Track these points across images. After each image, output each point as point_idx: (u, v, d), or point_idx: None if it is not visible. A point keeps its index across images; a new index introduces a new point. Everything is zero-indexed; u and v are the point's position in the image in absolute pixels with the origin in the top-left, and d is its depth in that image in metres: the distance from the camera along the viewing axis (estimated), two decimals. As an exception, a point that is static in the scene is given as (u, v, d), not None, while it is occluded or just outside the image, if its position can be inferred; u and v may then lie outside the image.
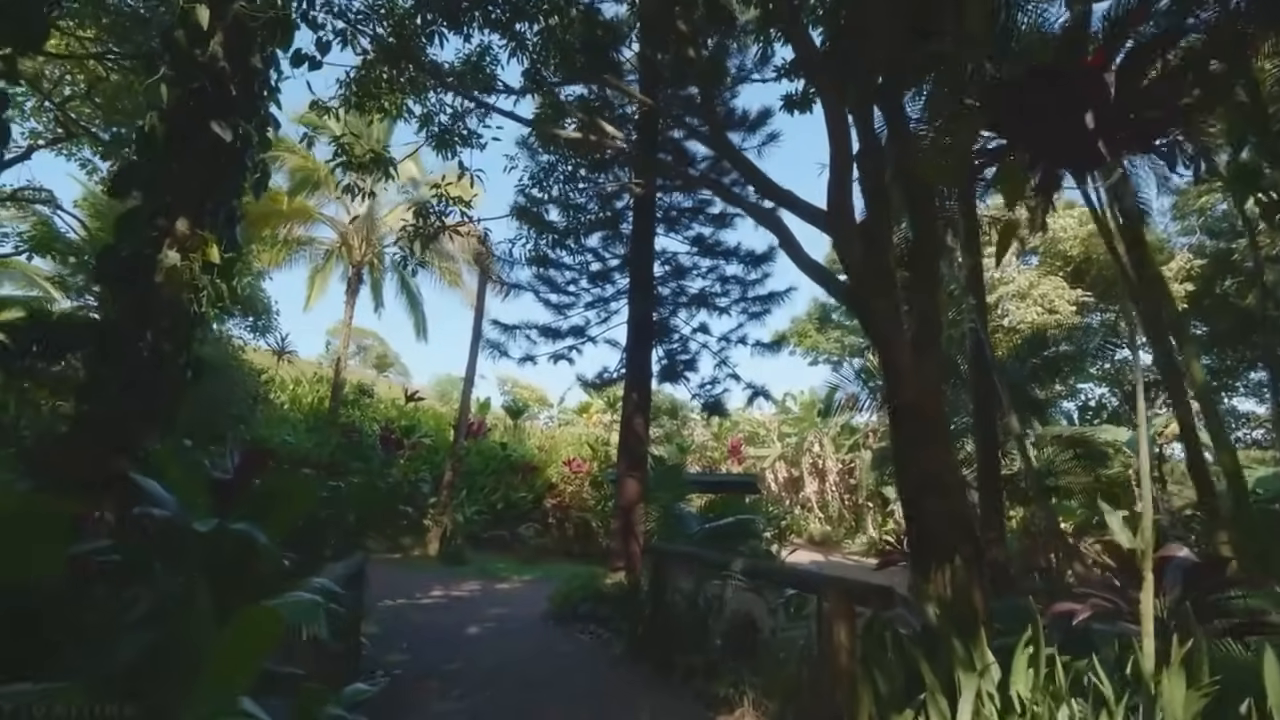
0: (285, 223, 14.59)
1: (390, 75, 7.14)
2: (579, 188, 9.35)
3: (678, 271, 10.67)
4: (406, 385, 18.60)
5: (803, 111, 8.59)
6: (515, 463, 16.14)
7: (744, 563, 4.30)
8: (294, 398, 17.41)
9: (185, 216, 5.46)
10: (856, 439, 23.18)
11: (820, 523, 22.16)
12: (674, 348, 10.53)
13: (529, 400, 24.42)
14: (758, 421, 24.87)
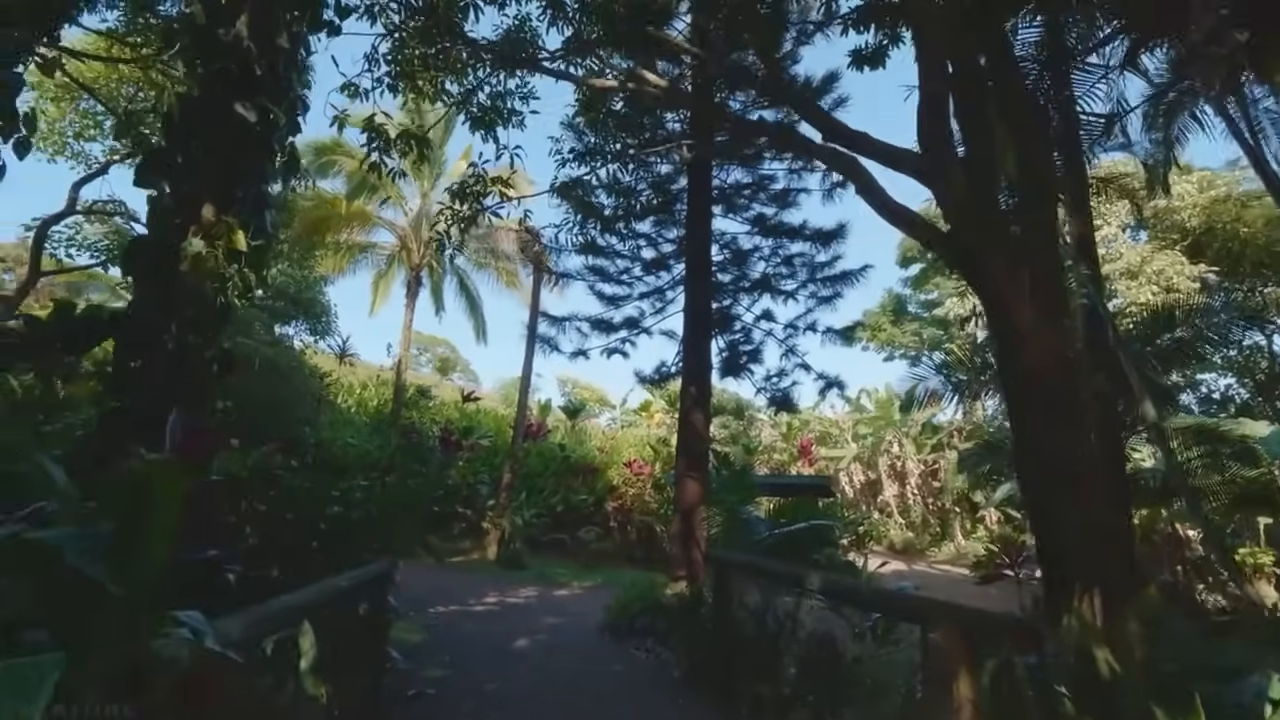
0: (344, 227, 14.78)
1: (424, 54, 6.76)
2: (628, 167, 8.73)
3: (738, 256, 9.88)
4: (463, 387, 18.56)
5: (874, 67, 7.63)
6: (575, 464, 15.71)
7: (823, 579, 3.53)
8: (360, 401, 17.69)
9: (211, 203, 5.20)
10: (940, 438, 21.47)
11: (901, 529, 20.62)
12: (735, 338, 9.74)
13: (589, 401, 24.08)
14: (830, 421, 23.53)
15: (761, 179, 9.42)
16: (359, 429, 15.07)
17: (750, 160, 9.62)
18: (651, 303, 9.89)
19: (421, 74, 6.59)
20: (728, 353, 9.70)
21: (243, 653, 1.97)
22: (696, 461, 8.13)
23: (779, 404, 9.64)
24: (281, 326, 13.31)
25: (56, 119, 11.71)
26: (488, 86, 7.51)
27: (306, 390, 13.48)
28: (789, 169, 9.34)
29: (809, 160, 9.38)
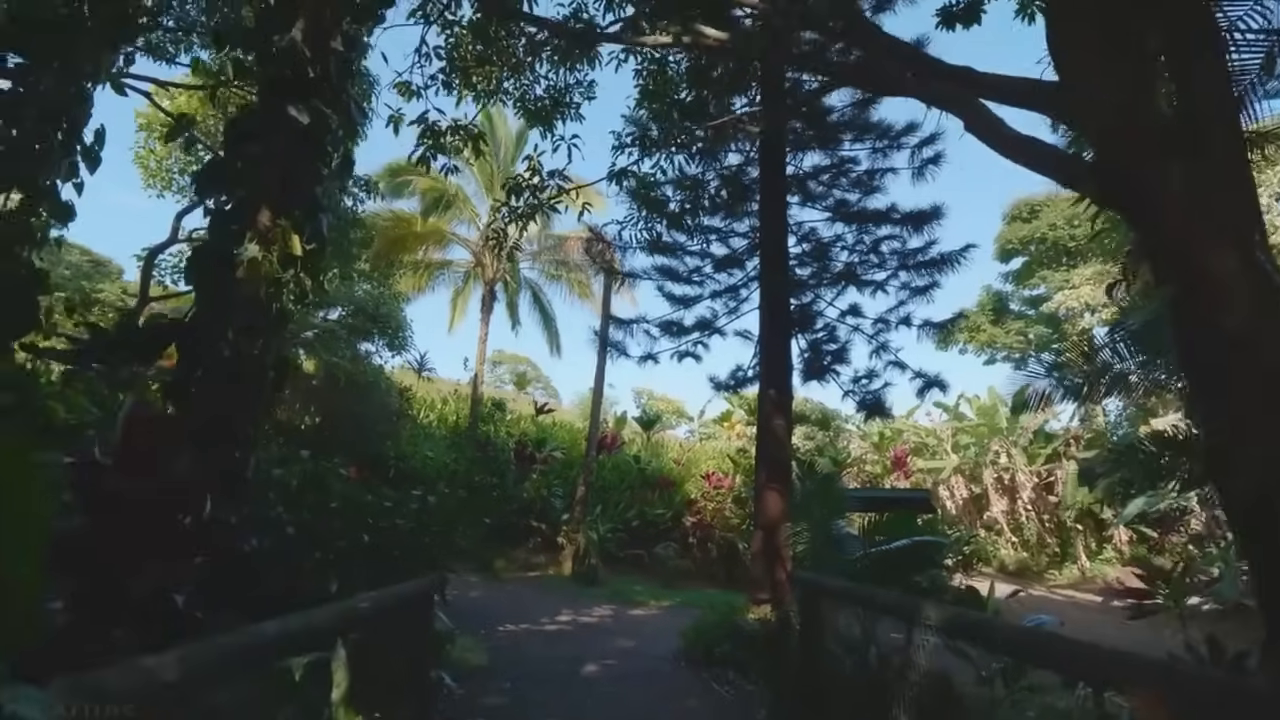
0: (421, 245, 15.14)
1: (480, 50, 6.57)
2: (695, 158, 8.20)
3: (818, 247, 9.08)
4: (537, 400, 18.53)
5: (967, 25, 6.74)
6: (650, 477, 15.17)
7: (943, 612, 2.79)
8: (440, 416, 18.01)
9: (267, 208, 5.12)
10: (1055, 447, 19.32)
11: (1014, 549, 18.62)
12: (818, 337, 8.92)
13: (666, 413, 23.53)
14: (926, 430, 21.77)
15: (841, 161, 8.62)
16: (438, 443, 15.26)
17: (828, 142, 8.86)
18: (724, 302, 9.26)
19: (476, 70, 6.39)
20: (810, 354, 8.89)
21: (184, 700, 1.56)
22: (778, 472, 7.38)
23: (870, 409, 8.70)
24: (362, 343, 13.68)
25: (164, 157, 12.64)
26: (544, 81, 7.26)
27: (387, 406, 13.76)
28: (872, 148, 8.49)
29: (895, 139, 8.52)
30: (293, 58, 5.38)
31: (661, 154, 8.18)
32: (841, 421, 24.47)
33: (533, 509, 12.69)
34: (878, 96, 8.40)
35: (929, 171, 8.15)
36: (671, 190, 8.55)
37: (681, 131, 8.32)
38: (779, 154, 8.28)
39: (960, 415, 21.77)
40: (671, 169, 7.92)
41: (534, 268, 17.46)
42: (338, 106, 5.69)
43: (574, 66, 7.53)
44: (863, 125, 8.67)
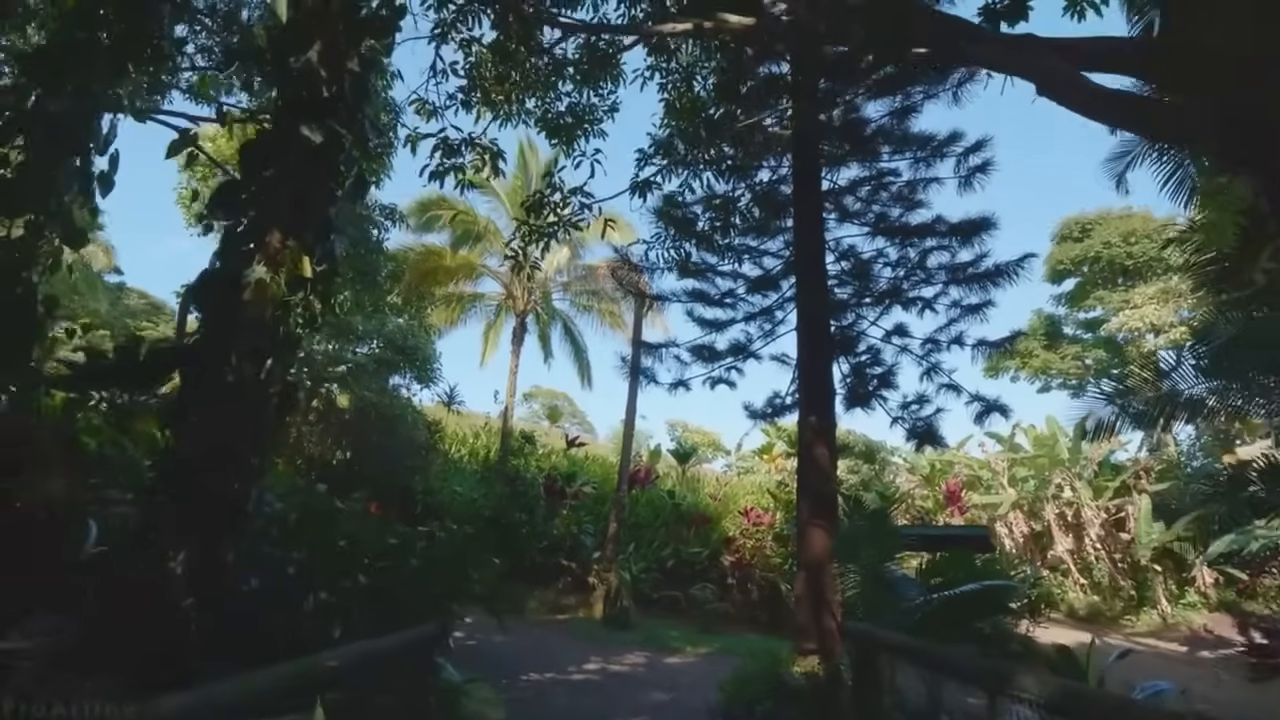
0: (451, 278, 15.13)
1: (501, 69, 6.41)
2: (725, 175, 7.86)
3: (858, 266, 8.56)
4: (567, 432, 18.14)
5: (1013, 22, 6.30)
6: (686, 514, 14.50)
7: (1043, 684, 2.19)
8: (472, 450, 17.76)
9: (277, 229, 4.94)
10: (1124, 480, 17.92)
11: (1083, 591, 17.15)
12: (861, 360, 8.33)
13: (702, 445, 22.80)
14: (979, 462, 20.53)
15: (880, 174, 8.15)
16: (468, 478, 14.95)
17: (865, 154, 8.43)
18: (759, 325, 8.78)
19: (496, 88, 6.21)
20: (853, 378, 8.30)
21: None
22: (823, 506, 6.75)
23: (921, 437, 8.01)
24: (392, 377, 13.59)
25: (206, 198, 12.96)
26: (566, 99, 7.07)
27: (416, 440, 13.56)
28: (914, 159, 8.02)
29: (938, 149, 8.03)
30: (308, 78, 5.28)
31: (689, 171, 7.89)
32: (887, 454, 23.33)
33: (562, 547, 12.17)
34: (917, 106, 7.98)
35: (977, 180, 7.62)
36: (700, 209, 8.20)
37: (710, 147, 8.02)
38: (813, 167, 7.88)
39: (1016, 446, 20.48)
40: (700, 186, 7.58)
41: (564, 298, 17.30)
42: (353, 126, 5.55)
43: (598, 85, 7.35)
44: (902, 136, 8.22)
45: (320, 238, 5.25)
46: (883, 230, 8.21)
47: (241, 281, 4.73)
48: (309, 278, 5.07)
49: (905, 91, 7.95)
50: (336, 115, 5.39)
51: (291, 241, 4.98)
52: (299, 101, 5.20)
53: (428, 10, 5.81)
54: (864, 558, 6.31)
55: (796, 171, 8.09)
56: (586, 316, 17.85)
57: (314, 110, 5.22)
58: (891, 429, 8.30)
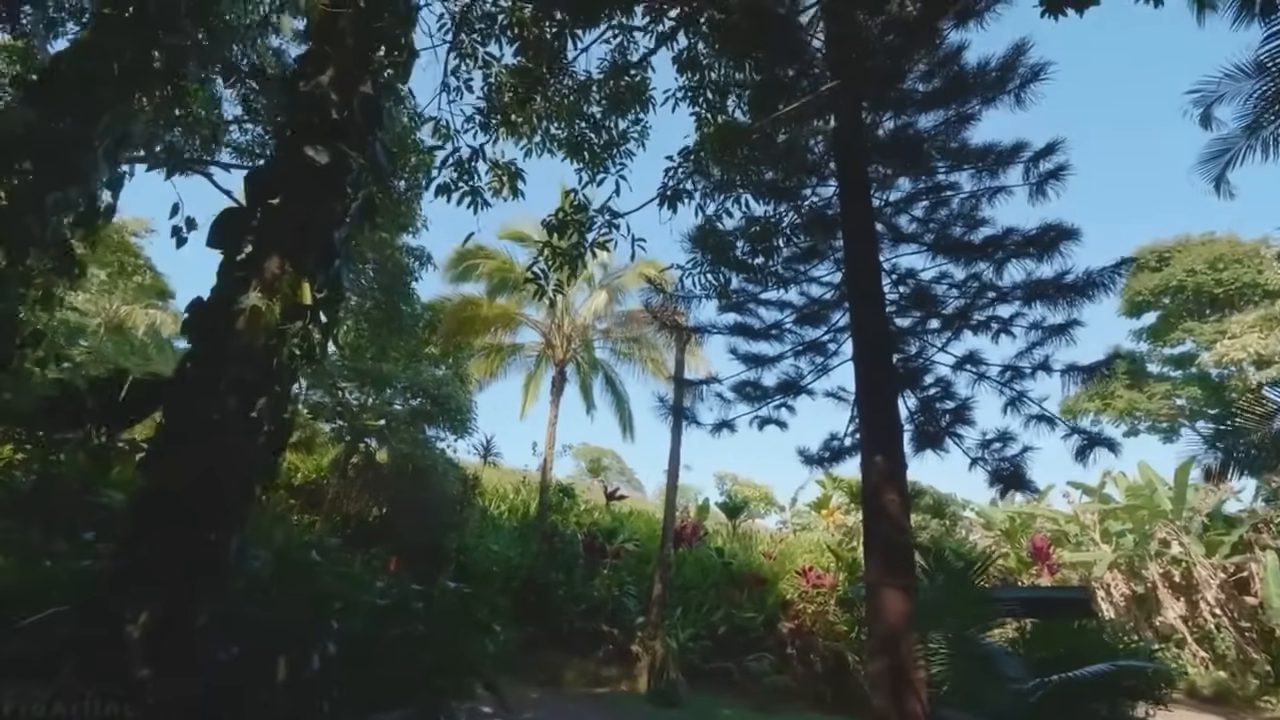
0: (489, 327, 14.90)
1: (524, 95, 6.10)
2: (763, 192, 7.28)
3: (920, 291, 7.73)
4: (606, 483, 17.27)
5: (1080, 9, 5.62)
6: (738, 574, 13.32)
7: None
8: (512, 506, 17.12)
9: (276, 254, 4.58)
10: (1241, 534, 15.72)
11: (1205, 667, 14.81)
12: (930, 394, 7.40)
13: (753, 499, 21.44)
14: (1065, 515, 18.53)
15: (938, 188, 7.41)
16: (506, 534, 14.25)
17: (918, 169, 7.73)
18: (809, 359, 7.99)
19: (516, 110, 5.88)
20: (921, 416, 7.36)
21: None
22: (896, 563, 5.74)
23: (1006, 481, 6.91)
24: (429, 429, 13.21)
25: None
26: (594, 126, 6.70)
27: (451, 494, 13.02)
28: (976, 170, 7.27)
29: (1001, 161, 7.27)
30: (317, 101, 5.05)
31: (725, 195, 7.36)
32: (958, 507, 21.43)
33: (603, 610, 11.19)
34: (975, 114, 7.31)
35: (1051, 187, 6.79)
36: (739, 235, 7.60)
37: (748, 170, 7.49)
38: (862, 186, 7.22)
39: (1105, 497, 18.44)
40: (739, 208, 7.01)
41: (604, 346, 16.82)
42: (364, 149, 5.26)
43: (626, 112, 7.00)
44: (959, 150, 7.52)
45: (323, 263, 4.86)
46: (945, 249, 7.40)
47: (234, 309, 4.34)
48: (309, 305, 4.65)
49: (960, 102, 7.32)
50: (346, 137, 5.12)
51: (290, 267, 4.62)
52: (306, 124, 4.95)
53: (445, 33, 5.60)
54: (951, 626, 5.23)
55: (844, 191, 7.45)
56: (628, 365, 17.29)
57: (322, 133, 4.96)
58: (970, 471, 7.06)
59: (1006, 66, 6.95)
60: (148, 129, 5.69)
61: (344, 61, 5.28)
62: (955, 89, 7.27)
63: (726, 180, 7.39)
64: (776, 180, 7.77)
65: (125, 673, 3.37)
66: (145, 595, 3.59)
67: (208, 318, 4.38)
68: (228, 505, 3.98)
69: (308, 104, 5.07)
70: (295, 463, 15.54)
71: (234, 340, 4.27)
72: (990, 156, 7.33)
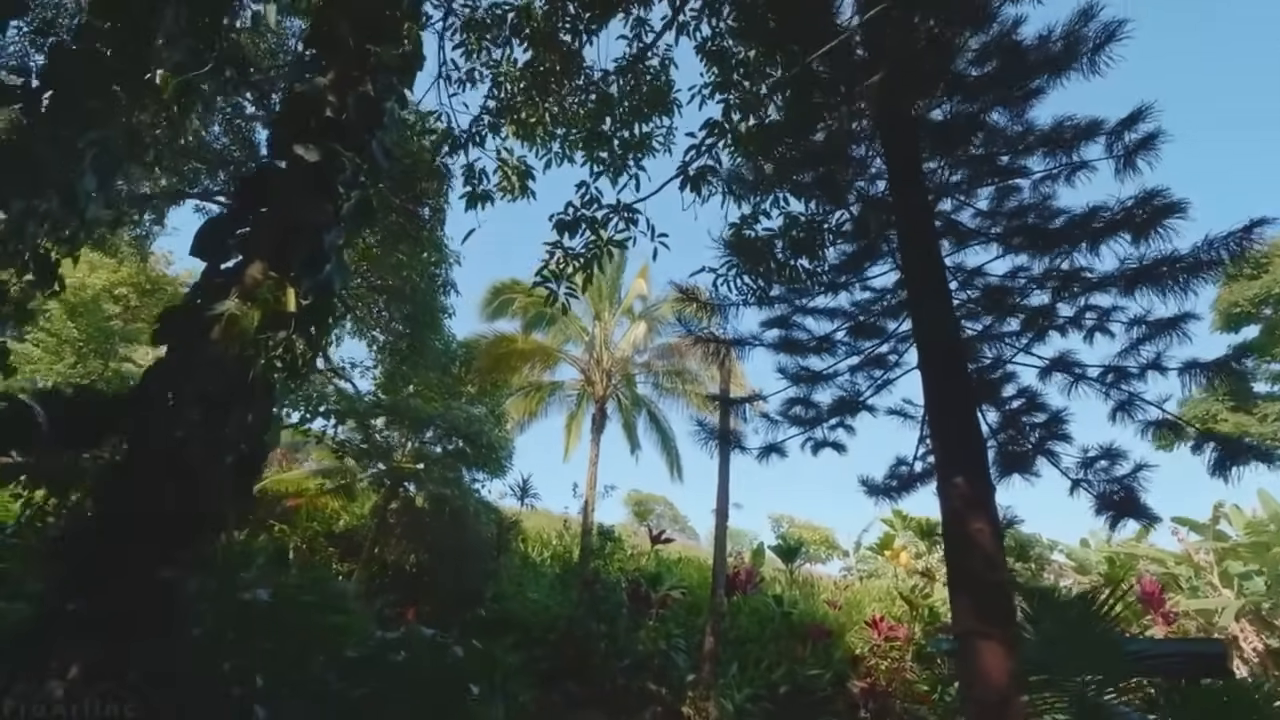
0: (525, 361, 14.50)
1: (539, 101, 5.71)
2: (802, 189, 6.59)
3: (991, 294, 6.81)
4: (652, 527, 16.26)
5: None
6: (799, 625, 12.03)
7: None
8: (555, 553, 16.32)
9: (259, 259, 4.17)
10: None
11: (1376, 738, 12.31)
12: (1014, 409, 6.38)
13: (812, 542, 19.89)
14: (1175, 555, 16.35)
15: (1003, 171, 6.56)
16: (545, 582, 13.43)
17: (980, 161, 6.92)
18: (866, 374, 7.10)
19: (527, 108, 5.47)
20: (1005, 432, 6.34)
21: None
22: (991, 607, 4.69)
23: (1118, 507, 5.76)
24: (464, 471, 12.71)
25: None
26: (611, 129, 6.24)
27: (486, 540, 12.37)
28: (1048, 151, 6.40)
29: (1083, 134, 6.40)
30: (310, 101, 4.74)
31: (761, 197, 6.72)
32: (1044, 548, 19.31)
33: (649, 666, 10.15)
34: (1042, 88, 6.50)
35: (1143, 158, 5.86)
36: (780, 240, 6.90)
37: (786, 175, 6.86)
38: (914, 174, 6.46)
39: (1219, 534, 16.19)
40: (776, 208, 6.34)
41: (646, 381, 16.15)
42: (362, 150, 4.90)
43: (649, 119, 6.53)
44: (1023, 134, 6.69)
45: (311, 268, 4.42)
46: (1019, 239, 6.49)
47: (209, 317, 3.90)
48: (294, 313, 4.19)
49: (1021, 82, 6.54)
50: (341, 137, 4.77)
51: (274, 272, 4.19)
52: (297, 123, 4.63)
53: (451, 34, 5.29)
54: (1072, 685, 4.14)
55: (895, 184, 6.71)
56: (671, 400, 16.54)
57: (313, 131, 4.62)
58: (1072, 495, 5.89)
59: (1072, 34, 6.15)
60: (142, 143, 5.54)
61: (343, 62, 5.02)
62: (1014, 67, 6.51)
63: (761, 180, 6.77)
64: (818, 178, 7.10)
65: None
66: (75, 645, 3.05)
67: (180, 326, 3.97)
68: (184, 538, 3.44)
69: (301, 103, 4.79)
70: (337, 509, 15.29)
71: (206, 350, 3.82)
72: (1062, 137, 6.47)
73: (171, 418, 3.57)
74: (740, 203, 6.63)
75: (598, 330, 15.19)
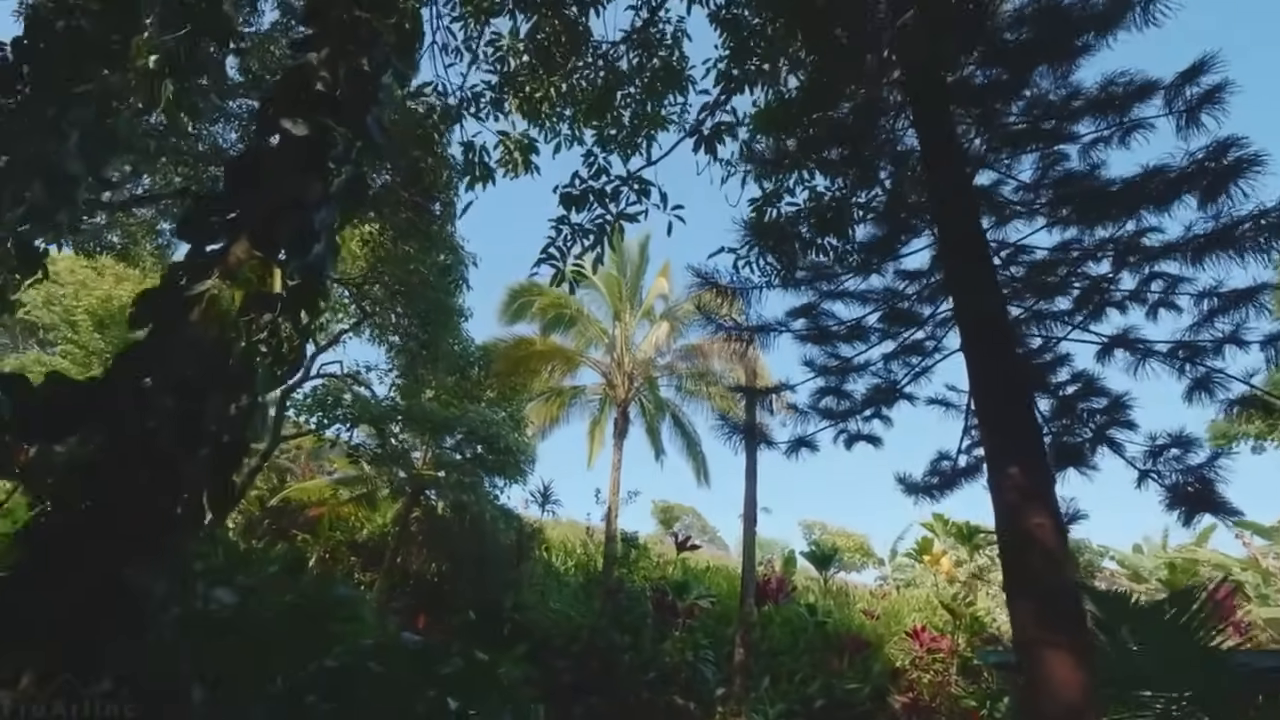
0: (544, 364, 14.20)
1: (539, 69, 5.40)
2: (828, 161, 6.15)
3: (1040, 270, 6.26)
4: (678, 534, 15.73)
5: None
6: (834, 636, 11.41)
7: None
8: (579, 562, 15.93)
9: (245, 237, 3.89)
10: None
11: None
12: (1069, 396, 5.82)
13: (845, 549, 19.10)
14: (1239, 562, 15.25)
15: (1047, 135, 6.02)
16: (572, 591, 13.03)
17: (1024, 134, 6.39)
18: (902, 362, 6.59)
19: (530, 82, 5.15)
20: (1060, 420, 5.78)
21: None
22: (1058, 612, 4.13)
23: (1193, 500, 5.16)
24: (485, 477, 12.41)
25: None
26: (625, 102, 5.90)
27: (506, 548, 12.03)
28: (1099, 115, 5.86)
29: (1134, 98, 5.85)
30: (300, 75, 4.48)
31: (784, 176, 6.31)
32: (1094, 554, 18.24)
33: (676, 680, 9.66)
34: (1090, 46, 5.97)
35: (1209, 113, 5.28)
36: (804, 221, 6.46)
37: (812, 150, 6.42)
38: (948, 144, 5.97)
39: (1289, 538, 15.05)
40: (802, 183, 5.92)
41: (670, 383, 15.71)
42: (356, 126, 4.63)
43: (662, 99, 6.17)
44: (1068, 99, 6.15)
45: (300, 248, 4.12)
46: (1067, 212, 5.94)
47: (187, 297, 3.62)
48: (279, 294, 3.89)
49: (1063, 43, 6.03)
50: (333, 112, 4.50)
51: (259, 252, 3.90)
52: (286, 97, 4.37)
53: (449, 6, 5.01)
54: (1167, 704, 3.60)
55: (928, 157, 6.22)
56: (695, 404, 16.07)
57: (303, 105, 4.35)
58: (1140, 487, 5.27)
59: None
60: (134, 127, 5.35)
61: (337, 36, 4.77)
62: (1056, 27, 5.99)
63: (785, 157, 6.35)
64: (845, 157, 6.64)
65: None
66: (25, 652, 2.76)
67: (156, 308, 3.71)
68: (150, 536, 3.14)
69: (291, 79, 4.54)
70: (361, 518, 15.15)
71: (184, 333, 3.54)
72: (1114, 98, 5.92)
73: (142, 405, 3.30)
74: (761, 182, 6.22)
75: (618, 331, 14.84)
